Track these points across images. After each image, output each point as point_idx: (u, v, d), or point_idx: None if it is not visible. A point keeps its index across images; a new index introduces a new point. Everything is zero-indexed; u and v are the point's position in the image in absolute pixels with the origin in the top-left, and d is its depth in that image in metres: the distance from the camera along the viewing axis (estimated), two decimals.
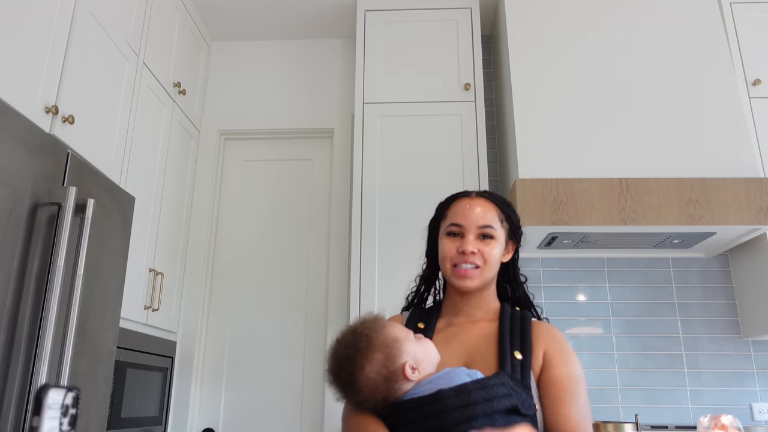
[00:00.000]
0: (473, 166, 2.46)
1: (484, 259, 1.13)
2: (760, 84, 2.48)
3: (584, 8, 2.55)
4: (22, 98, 1.56)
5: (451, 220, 1.17)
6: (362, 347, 0.98)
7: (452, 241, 1.16)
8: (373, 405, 0.99)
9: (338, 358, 1.00)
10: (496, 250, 1.15)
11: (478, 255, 1.13)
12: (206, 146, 2.89)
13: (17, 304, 1.35)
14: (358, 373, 0.97)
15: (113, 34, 2.04)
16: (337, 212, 2.78)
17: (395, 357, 0.98)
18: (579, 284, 2.61)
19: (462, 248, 1.13)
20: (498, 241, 1.16)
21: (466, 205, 1.18)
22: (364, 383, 0.97)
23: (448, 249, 1.16)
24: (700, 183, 2.21)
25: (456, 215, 1.18)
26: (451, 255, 1.15)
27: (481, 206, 1.17)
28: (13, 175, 1.35)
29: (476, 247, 1.13)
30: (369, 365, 0.97)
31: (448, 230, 1.17)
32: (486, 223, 1.15)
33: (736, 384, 2.46)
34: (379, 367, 0.97)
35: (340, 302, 2.65)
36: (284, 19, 2.92)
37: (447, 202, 1.23)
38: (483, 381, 0.97)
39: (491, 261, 1.14)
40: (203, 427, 2.59)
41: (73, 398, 0.63)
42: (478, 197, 1.20)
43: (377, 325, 1.01)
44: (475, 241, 1.14)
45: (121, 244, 1.81)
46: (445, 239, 1.17)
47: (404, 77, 2.61)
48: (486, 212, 1.17)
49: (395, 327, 1.03)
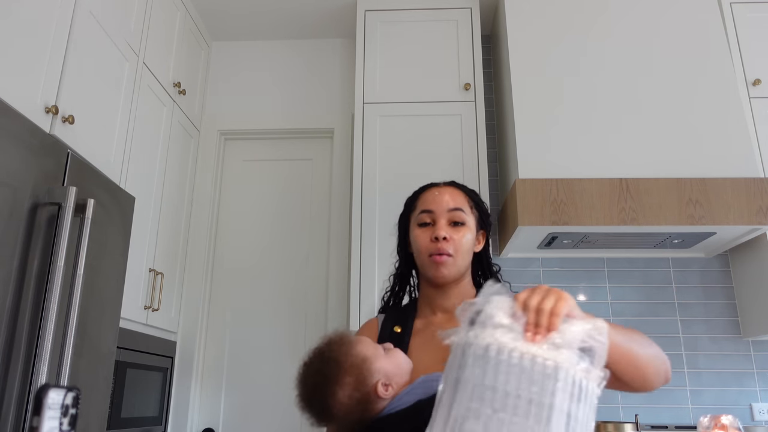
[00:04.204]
0: (473, 166, 2.46)
1: (455, 248, 1.12)
2: (760, 84, 2.48)
3: (584, 8, 2.55)
4: (22, 98, 1.56)
5: (421, 208, 1.17)
6: (331, 373, 0.94)
7: (424, 231, 1.15)
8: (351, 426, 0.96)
9: (307, 384, 0.96)
10: (467, 237, 1.15)
11: (450, 242, 1.12)
12: (206, 146, 2.89)
13: (17, 304, 1.35)
14: (329, 400, 0.93)
15: (113, 35, 2.04)
16: (337, 212, 2.78)
17: (365, 378, 0.94)
18: (579, 284, 2.61)
19: (435, 234, 1.12)
20: (469, 228, 1.15)
21: (435, 192, 1.18)
22: (337, 409, 0.94)
23: (422, 239, 1.15)
24: (700, 183, 2.21)
25: (426, 202, 1.17)
26: (425, 245, 1.14)
27: (449, 193, 1.17)
28: (13, 175, 1.35)
29: (448, 234, 1.12)
30: (341, 390, 0.93)
31: (419, 220, 1.16)
32: (456, 205, 1.15)
33: (736, 384, 2.46)
34: (350, 391, 0.93)
35: (340, 302, 2.65)
36: (284, 19, 2.92)
37: (415, 195, 1.23)
38: None
39: (463, 249, 1.14)
40: (203, 427, 2.59)
41: (73, 398, 0.63)
42: (446, 186, 1.21)
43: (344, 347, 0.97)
44: (446, 227, 1.13)
45: (121, 244, 1.81)
46: (417, 230, 1.16)
47: (404, 77, 2.61)
48: (455, 197, 1.17)
49: (363, 345, 0.99)
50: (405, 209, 1.25)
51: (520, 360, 0.71)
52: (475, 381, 0.71)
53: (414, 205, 1.21)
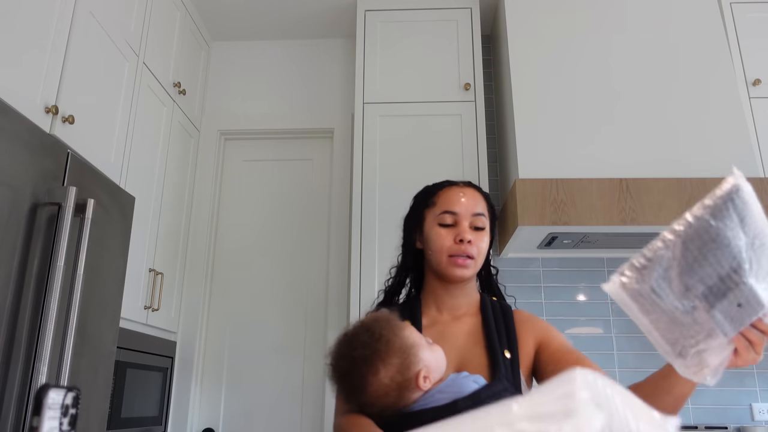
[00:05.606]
0: (473, 166, 2.46)
1: (477, 251, 1.13)
2: (760, 84, 2.48)
3: (584, 8, 2.55)
4: (22, 98, 1.56)
5: (445, 208, 1.16)
6: (380, 349, 0.91)
7: (446, 231, 1.14)
8: (378, 411, 0.94)
9: (352, 357, 0.92)
10: (486, 242, 1.16)
11: (473, 246, 1.12)
12: (206, 146, 2.89)
13: (17, 304, 1.35)
14: (371, 377, 0.91)
15: (113, 34, 2.04)
16: (337, 212, 2.78)
17: (411, 364, 0.92)
18: (579, 284, 2.61)
19: (461, 236, 1.12)
20: (486, 233, 1.17)
21: (459, 193, 1.17)
22: (375, 387, 0.91)
23: (444, 239, 1.14)
24: (700, 183, 2.21)
25: (450, 203, 1.16)
26: (448, 245, 1.13)
27: (473, 197, 1.18)
28: (13, 175, 1.35)
29: (471, 237, 1.13)
30: (384, 370, 0.90)
31: (440, 220, 1.15)
32: (479, 210, 1.16)
33: (736, 384, 2.46)
34: (394, 373, 0.91)
35: (340, 303, 2.65)
36: (284, 19, 2.92)
37: (432, 191, 1.21)
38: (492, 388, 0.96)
39: (482, 253, 1.15)
40: (203, 427, 2.59)
41: (73, 398, 0.63)
42: (467, 186, 1.20)
43: (395, 327, 0.95)
44: (469, 230, 1.14)
45: (121, 244, 1.81)
46: (438, 229, 1.15)
47: (404, 77, 2.61)
48: (478, 201, 1.17)
49: (413, 331, 0.97)
50: (419, 204, 1.23)
51: None
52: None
53: (432, 201, 1.19)
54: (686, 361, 0.68)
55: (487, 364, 1.05)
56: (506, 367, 1.04)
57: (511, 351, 1.07)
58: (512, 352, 1.07)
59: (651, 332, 0.69)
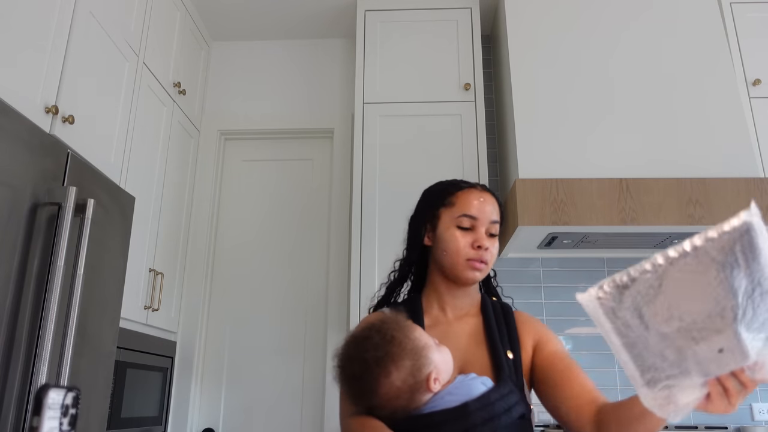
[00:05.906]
0: (473, 166, 2.46)
1: (491, 257, 1.14)
2: (760, 84, 2.48)
3: (584, 9, 2.55)
4: (22, 98, 1.56)
5: (464, 211, 1.14)
6: (392, 351, 0.90)
7: (464, 235, 1.13)
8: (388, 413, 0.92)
9: (363, 359, 0.91)
10: (497, 248, 1.17)
11: (488, 252, 1.13)
12: (206, 146, 2.89)
13: (17, 304, 1.35)
14: (383, 379, 0.90)
15: (113, 34, 2.04)
16: (337, 212, 2.78)
17: (422, 366, 0.91)
18: (579, 284, 2.61)
19: (479, 242, 1.12)
20: (497, 239, 1.17)
21: (480, 197, 1.16)
22: (386, 390, 0.90)
23: (462, 242, 1.12)
24: (700, 183, 2.21)
25: (470, 207, 1.14)
26: (465, 248, 1.12)
27: (492, 204, 1.17)
28: (13, 175, 1.35)
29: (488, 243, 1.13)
30: (396, 372, 0.90)
31: (459, 222, 1.14)
32: (495, 218, 1.16)
33: None
34: (405, 376, 0.90)
35: (340, 303, 2.65)
36: (284, 19, 2.92)
37: (449, 191, 1.19)
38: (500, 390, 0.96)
39: (494, 259, 1.15)
40: (203, 427, 2.59)
41: (73, 398, 0.63)
42: (485, 191, 1.19)
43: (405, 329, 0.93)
44: (485, 236, 1.14)
45: (121, 244, 1.81)
46: (455, 231, 1.14)
47: (404, 77, 2.61)
48: (495, 208, 1.17)
49: (422, 332, 0.96)
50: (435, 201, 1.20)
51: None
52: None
53: (450, 201, 1.17)
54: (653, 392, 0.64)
55: (490, 365, 1.05)
56: (509, 367, 1.04)
57: (514, 352, 1.08)
58: (514, 352, 1.08)
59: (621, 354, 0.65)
